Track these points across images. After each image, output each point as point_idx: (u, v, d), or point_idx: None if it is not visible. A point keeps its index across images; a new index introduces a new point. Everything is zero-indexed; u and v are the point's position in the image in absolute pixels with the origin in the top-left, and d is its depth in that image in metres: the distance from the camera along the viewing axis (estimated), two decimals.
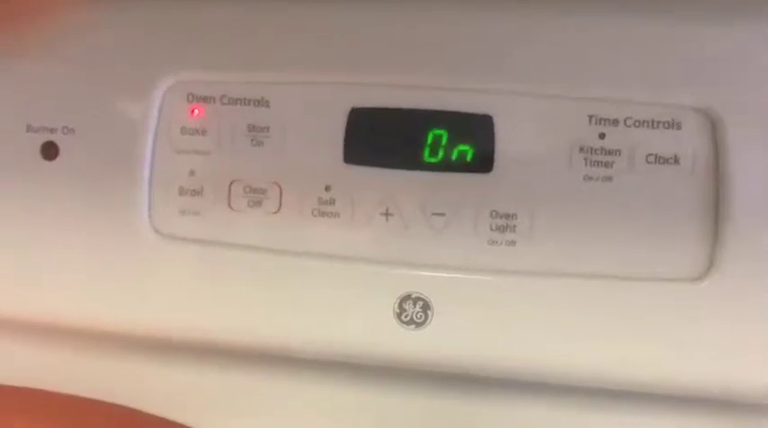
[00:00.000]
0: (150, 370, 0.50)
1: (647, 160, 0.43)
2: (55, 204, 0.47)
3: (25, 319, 0.49)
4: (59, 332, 0.49)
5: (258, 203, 0.46)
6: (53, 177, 0.47)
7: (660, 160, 0.42)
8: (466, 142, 0.44)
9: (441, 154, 0.44)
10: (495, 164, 0.44)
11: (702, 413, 0.46)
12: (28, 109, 0.47)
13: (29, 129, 0.47)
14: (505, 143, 0.44)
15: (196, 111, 0.46)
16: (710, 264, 0.43)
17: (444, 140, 0.44)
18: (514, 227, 0.44)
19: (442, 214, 0.44)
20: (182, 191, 0.46)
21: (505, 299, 0.44)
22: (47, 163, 0.47)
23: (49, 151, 0.47)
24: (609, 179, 0.43)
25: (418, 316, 0.44)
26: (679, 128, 0.42)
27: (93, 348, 0.50)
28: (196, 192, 0.46)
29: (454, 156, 0.44)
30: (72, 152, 0.47)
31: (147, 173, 0.46)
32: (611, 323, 0.43)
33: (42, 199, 0.47)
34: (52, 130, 0.47)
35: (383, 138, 0.45)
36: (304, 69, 0.45)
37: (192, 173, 0.46)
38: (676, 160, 0.42)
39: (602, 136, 0.43)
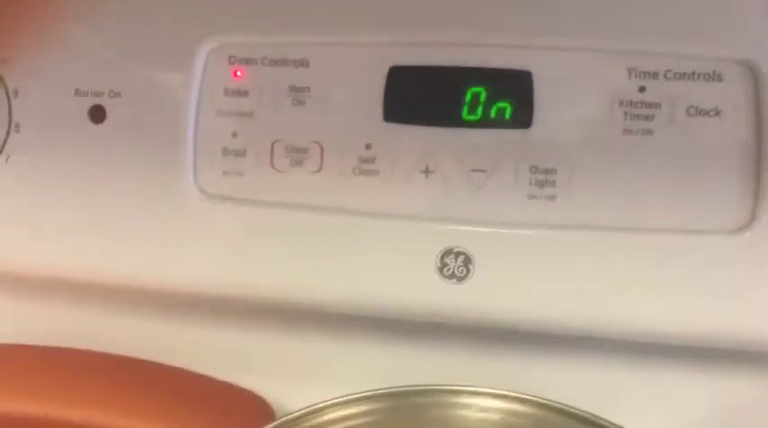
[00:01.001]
0: (193, 329, 0.51)
1: (687, 113, 0.42)
2: (103, 167, 0.48)
3: (72, 278, 0.50)
4: (106, 291, 0.50)
5: (300, 163, 0.46)
6: (101, 140, 0.48)
7: (701, 113, 0.42)
8: (504, 98, 0.44)
9: (479, 111, 0.45)
10: (534, 119, 0.44)
11: (743, 368, 0.46)
12: (75, 73, 0.48)
13: (77, 93, 0.48)
14: (544, 98, 0.44)
15: (238, 73, 0.47)
16: (752, 217, 0.42)
17: (483, 97, 0.45)
18: (554, 181, 0.44)
19: (482, 170, 0.45)
20: (225, 152, 0.47)
21: (546, 253, 0.44)
22: (94, 126, 0.48)
23: (97, 114, 0.48)
24: (649, 132, 0.43)
25: (459, 270, 0.45)
26: (720, 80, 0.42)
27: (138, 307, 0.51)
28: (239, 153, 0.47)
29: (493, 112, 0.45)
30: (118, 115, 0.48)
31: (191, 135, 0.47)
32: (651, 276, 0.43)
33: (90, 161, 0.48)
34: (99, 94, 0.48)
35: (422, 96, 0.45)
36: (342, 29, 0.46)
37: (234, 134, 0.47)
38: (717, 112, 0.42)
39: (641, 89, 0.43)
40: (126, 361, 0.52)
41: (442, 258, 0.45)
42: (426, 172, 0.45)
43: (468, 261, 0.45)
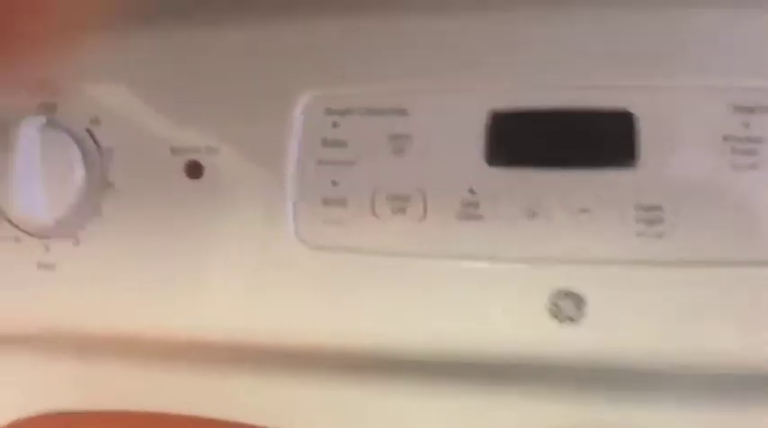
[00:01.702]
0: (290, 385, 0.50)
1: None
2: (200, 223, 0.48)
3: (173, 340, 0.50)
4: (204, 351, 0.50)
5: (402, 210, 0.47)
6: (198, 195, 0.48)
7: None
8: (606, 139, 0.45)
9: (580, 152, 0.45)
10: (638, 158, 0.44)
11: None
12: (171, 132, 0.48)
13: (173, 151, 0.48)
14: (647, 137, 0.44)
15: (336, 124, 0.47)
16: None
17: (584, 139, 0.45)
18: (661, 219, 0.44)
19: (587, 210, 0.45)
20: (326, 202, 0.47)
21: (658, 290, 0.44)
22: (192, 181, 0.48)
23: (194, 170, 0.48)
24: (755, 166, 0.43)
25: (572, 311, 0.45)
26: None
27: (231, 365, 0.51)
28: (340, 202, 0.47)
29: (594, 153, 0.45)
30: (216, 170, 0.48)
31: (290, 186, 0.47)
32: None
33: (189, 218, 0.49)
34: (196, 150, 0.48)
35: (525, 139, 0.46)
36: (440, 76, 0.46)
37: (335, 183, 0.47)
38: None
39: (745, 124, 0.43)
40: (215, 424, 0.51)
41: (553, 300, 0.45)
42: (531, 214, 0.45)
43: (580, 301, 0.45)
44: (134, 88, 0.49)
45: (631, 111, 0.44)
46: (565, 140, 0.45)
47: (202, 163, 0.48)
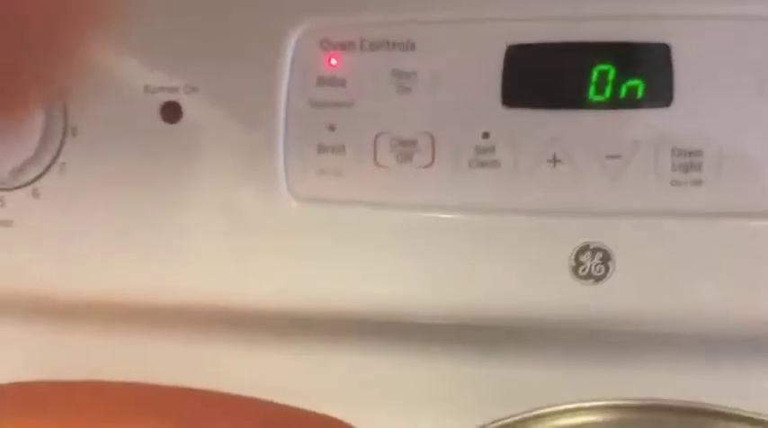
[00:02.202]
0: (271, 351, 0.45)
1: None
2: (178, 173, 0.43)
3: (143, 304, 0.44)
4: (189, 313, 0.44)
5: (408, 157, 0.41)
6: (175, 141, 0.42)
7: None
8: (638, 75, 0.40)
9: (608, 91, 0.40)
10: (675, 97, 0.39)
11: None
12: (143, 69, 0.43)
13: (147, 89, 0.42)
14: (685, 72, 0.39)
15: (333, 60, 0.42)
16: None
17: (612, 75, 0.40)
18: (700, 164, 0.40)
19: (617, 156, 0.40)
20: (321, 149, 0.42)
21: (695, 245, 0.40)
22: (168, 126, 0.42)
23: (171, 113, 0.42)
24: None
25: (597, 268, 0.40)
26: None
27: (208, 330, 0.45)
28: (337, 149, 0.42)
29: (623, 92, 0.40)
30: (195, 113, 0.42)
31: (281, 131, 0.42)
32: None
33: (163, 167, 0.43)
34: (173, 90, 0.42)
35: (545, 77, 0.41)
36: (452, 5, 0.41)
37: (331, 127, 0.42)
38: None
39: None
40: (188, 393, 0.46)
41: (577, 257, 0.40)
42: (554, 160, 0.41)
43: (606, 258, 0.40)
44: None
45: (668, 43, 0.39)
46: (591, 78, 0.40)
47: (180, 104, 0.42)
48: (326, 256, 0.42)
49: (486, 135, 0.41)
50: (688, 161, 0.40)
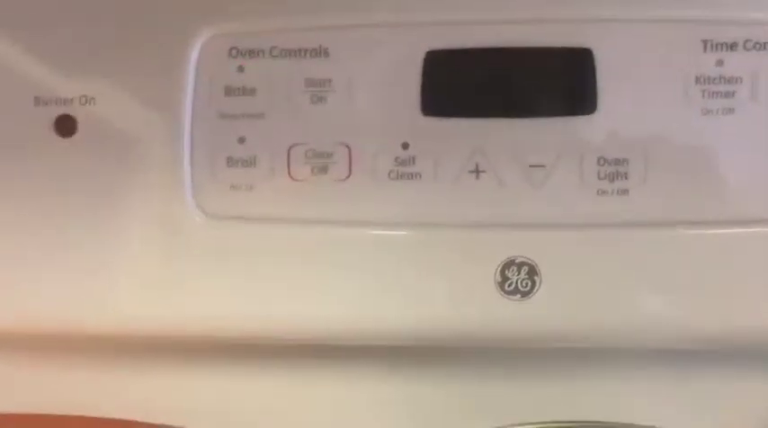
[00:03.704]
0: (200, 379, 0.42)
1: None
2: (73, 191, 0.40)
3: (39, 331, 0.41)
4: (87, 343, 0.41)
5: (323, 169, 0.39)
6: (71, 156, 0.39)
7: None
8: (560, 82, 0.39)
9: (530, 97, 0.39)
10: (599, 103, 0.38)
11: None
12: (34, 78, 0.39)
13: (37, 102, 0.39)
14: (609, 79, 0.38)
15: (242, 68, 0.39)
16: None
17: (534, 81, 0.39)
18: (626, 173, 0.38)
19: (542, 165, 0.38)
20: (231, 163, 0.39)
21: (622, 256, 0.38)
22: (62, 140, 0.39)
23: (65, 126, 0.39)
24: (731, 111, 0.38)
25: (523, 283, 0.39)
26: None
27: (127, 360, 0.42)
28: (248, 163, 0.39)
29: (546, 99, 0.39)
30: (92, 126, 0.39)
31: (186, 144, 0.39)
32: (743, 274, 0.38)
33: (57, 184, 0.40)
34: (67, 102, 0.39)
35: (466, 84, 0.39)
36: (368, 9, 0.39)
37: (241, 140, 0.39)
38: None
39: (719, 62, 0.38)
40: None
41: (503, 271, 0.39)
42: (476, 171, 0.39)
43: (532, 272, 0.39)
44: None
45: (590, 48, 0.38)
46: (514, 84, 0.39)
47: (75, 117, 0.39)
48: (238, 275, 0.40)
49: (405, 145, 0.39)
50: (614, 170, 0.38)
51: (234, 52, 0.39)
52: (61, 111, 0.39)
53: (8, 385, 0.43)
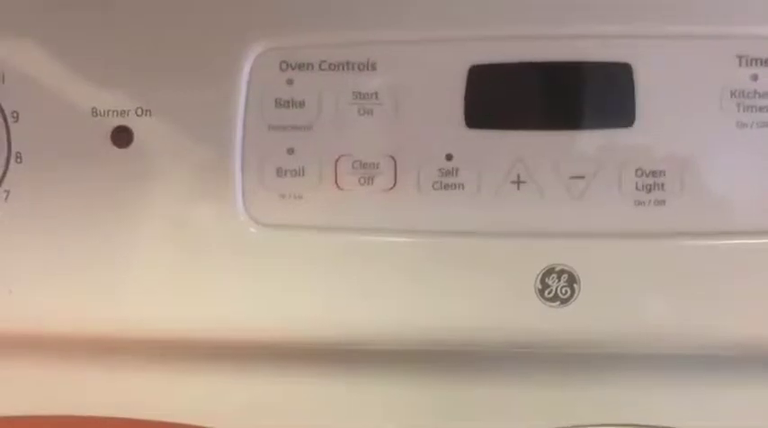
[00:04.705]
0: (246, 384, 0.44)
1: None
2: (130, 200, 0.41)
3: (102, 335, 0.42)
4: (144, 347, 0.42)
5: (370, 180, 0.40)
6: (127, 166, 0.41)
7: None
8: (600, 95, 0.40)
9: (571, 110, 0.40)
10: (637, 117, 0.39)
11: None
12: (92, 92, 0.41)
13: (95, 114, 0.41)
14: (647, 93, 0.39)
15: (292, 80, 0.40)
16: None
17: (574, 95, 0.40)
18: (663, 184, 0.39)
19: (581, 177, 0.40)
20: (280, 173, 0.41)
21: (659, 265, 0.40)
22: (119, 150, 0.41)
23: (122, 137, 0.41)
24: (766, 124, 0.39)
25: (563, 291, 0.40)
26: None
27: (182, 362, 0.44)
28: (297, 173, 0.40)
29: (586, 111, 0.40)
30: (148, 137, 0.41)
31: (238, 155, 0.40)
32: None
33: (115, 193, 0.41)
34: (123, 113, 0.41)
35: (508, 97, 0.40)
36: (414, 25, 0.40)
37: (290, 151, 0.41)
38: None
39: (754, 77, 0.39)
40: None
41: (543, 279, 0.40)
42: (518, 182, 0.40)
43: (572, 280, 0.40)
44: (45, 40, 0.41)
45: (630, 63, 0.39)
46: (555, 98, 0.40)
47: (132, 128, 0.41)
48: (288, 281, 0.41)
49: (449, 157, 0.40)
50: (651, 181, 0.40)
51: (284, 66, 0.41)
52: (118, 122, 0.41)
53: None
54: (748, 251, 0.39)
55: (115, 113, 0.41)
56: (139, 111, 0.41)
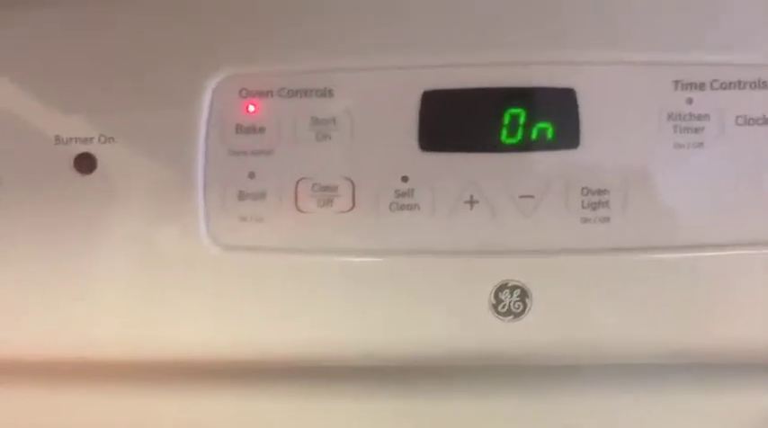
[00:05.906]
0: (213, 403, 0.45)
1: (736, 122, 0.41)
2: (94, 224, 0.42)
3: (61, 358, 0.43)
4: (112, 370, 0.43)
5: (329, 202, 0.42)
6: (90, 192, 0.42)
7: (750, 121, 0.41)
8: (546, 118, 0.42)
9: (519, 133, 0.42)
10: (582, 138, 0.42)
11: None
12: (55, 119, 0.42)
13: (58, 142, 0.42)
14: (591, 116, 0.42)
15: (251, 107, 0.42)
16: None
17: (523, 118, 0.42)
18: (607, 202, 0.42)
19: (531, 196, 0.42)
20: (241, 196, 0.42)
21: (605, 279, 0.42)
22: (81, 177, 0.42)
23: (85, 164, 0.42)
24: (700, 145, 0.41)
25: (516, 305, 0.42)
26: (766, 87, 0.41)
27: (141, 383, 0.44)
28: (258, 196, 0.42)
29: (534, 134, 0.42)
30: (111, 163, 0.42)
31: (200, 179, 0.42)
32: (719, 295, 0.42)
33: (78, 219, 0.42)
34: (87, 141, 0.42)
35: (460, 121, 0.42)
36: (369, 53, 0.42)
37: (251, 175, 0.42)
38: (766, 120, 0.41)
39: (689, 101, 0.41)
40: None
41: (497, 294, 0.42)
42: (471, 202, 0.42)
43: (524, 294, 0.42)
44: (6, 69, 0.42)
45: (574, 87, 0.41)
46: (504, 121, 0.42)
47: (95, 155, 0.42)
48: (250, 301, 0.42)
49: (404, 178, 0.42)
50: (596, 199, 0.42)
51: (244, 92, 0.42)
52: (81, 149, 0.42)
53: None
54: (688, 264, 0.42)
55: (78, 140, 0.42)
56: (102, 138, 0.42)
